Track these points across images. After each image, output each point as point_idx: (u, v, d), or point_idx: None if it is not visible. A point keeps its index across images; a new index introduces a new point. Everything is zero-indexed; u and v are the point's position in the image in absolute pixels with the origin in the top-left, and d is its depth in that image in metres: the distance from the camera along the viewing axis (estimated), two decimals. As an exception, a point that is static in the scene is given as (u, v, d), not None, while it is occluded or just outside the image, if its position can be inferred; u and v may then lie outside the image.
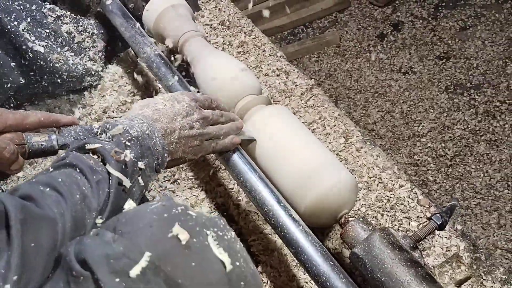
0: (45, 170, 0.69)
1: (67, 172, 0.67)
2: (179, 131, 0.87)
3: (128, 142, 0.76)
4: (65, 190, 0.63)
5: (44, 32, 1.34)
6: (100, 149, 0.72)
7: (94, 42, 1.51)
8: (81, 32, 1.47)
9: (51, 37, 1.37)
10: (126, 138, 0.76)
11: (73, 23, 1.46)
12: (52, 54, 1.33)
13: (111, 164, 0.71)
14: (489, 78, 2.78)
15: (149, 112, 0.85)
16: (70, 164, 0.69)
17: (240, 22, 1.70)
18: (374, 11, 3.35)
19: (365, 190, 1.21)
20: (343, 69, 3.05)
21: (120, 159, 0.72)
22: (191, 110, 0.90)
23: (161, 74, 1.19)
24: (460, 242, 1.11)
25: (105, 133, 0.78)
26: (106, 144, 0.74)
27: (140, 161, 0.77)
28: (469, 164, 2.45)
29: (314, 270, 0.84)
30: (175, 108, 0.88)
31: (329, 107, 1.41)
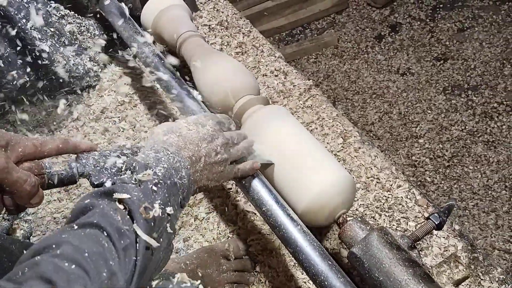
0: (69, 224, 0.61)
1: (93, 236, 0.60)
2: (205, 158, 0.82)
3: (155, 186, 0.70)
4: (92, 268, 0.57)
5: (49, 31, 1.34)
6: (128, 202, 0.66)
7: (95, 42, 1.51)
8: (83, 33, 1.47)
9: (55, 36, 1.37)
10: (153, 182, 0.70)
11: (76, 23, 1.46)
12: (56, 54, 1.33)
13: (139, 224, 0.64)
14: (486, 79, 2.79)
15: (174, 139, 0.81)
16: (97, 226, 0.61)
17: (238, 23, 1.70)
18: (372, 12, 3.36)
19: (363, 190, 1.21)
20: (341, 70, 3.05)
21: (149, 217, 0.66)
22: (215, 134, 0.86)
23: (159, 74, 1.18)
24: (458, 242, 1.11)
25: (131, 172, 0.72)
26: (133, 191, 0.67)
27: (168, 205, 0.71)
28: (467, 165, 2.46)
29: (312, 269, 0.84)
30: (200, 133, 0.84)
31: (327, 108, 1.41)
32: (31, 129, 1.42)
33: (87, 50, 1.49)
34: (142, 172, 0.70)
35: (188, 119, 0.87)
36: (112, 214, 0.63)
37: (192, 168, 0.80)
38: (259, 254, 1.14)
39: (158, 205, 0.68)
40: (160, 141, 0.80)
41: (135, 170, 0.71)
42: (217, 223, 1.21)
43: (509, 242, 2.15)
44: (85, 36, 1.48)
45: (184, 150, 0.80)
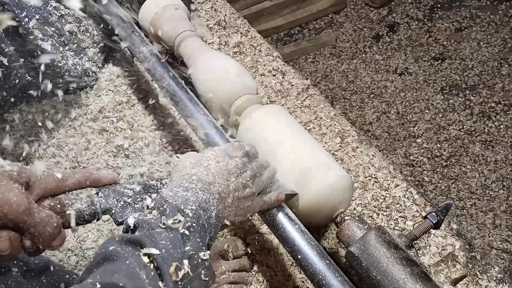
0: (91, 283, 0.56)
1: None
2: (233, 193, 0.79)
3: (187, 230, 0.66)
4: None
5: (49, 30, 1.34)
6: (157, 258, 0.61)
7: (94, 42, 1.51)
8: (82, 32, 1.47)
9: (55, 35, 1.37)
10: (185, 226, 0.66)
11: (76, 22, 1.46)
12: (56, 53, 1.32)
13: (168, 286, 0.60)
14: (484, 79, 2.80)
15: (203, 173, 0.77)
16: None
17: (236, 23, 1.70)
18: (370, 12, 3.37)
19: (361, 190, 1.22)
20: (339, 70, 3.06)
21: (177, 278, 0.61)
22: (243, 166, 0.83)
23: (158, 74, 1.19)
24: (455, 241, 1.11)
25: (159, 213, 0.68)
26: (161, 240, 0.63)
27: (202, 250, 0.67)
28: (465, 164, 2.46)
29: (310, 268, 0.84)
30: (229, 166, 0.81)
31: (325, 107, 1.41)
32: (28, 128, 1.42)
33: (86, 50, 1.49)
34: (172, 217, 0.66)
35: (216, 151, 0.84)
36: (138, 272, 0.59)
37: (221, 204, 0.77)
38: (257, 254, 1.14)
39: (187, 262, 0.64)
40: (188, 175, 0.77)
41: (165, 213, 0.67)
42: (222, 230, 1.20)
43: (507, 242, 2.15)
44: (85, 36, 1.48)
45: (213, 186, 0.77)
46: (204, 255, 0.66)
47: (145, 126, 1.42)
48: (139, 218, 0.68)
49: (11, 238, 0.63)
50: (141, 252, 0.61)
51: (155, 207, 0.69)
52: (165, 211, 0.68)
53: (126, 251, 0.60)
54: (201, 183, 0.75)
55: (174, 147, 1.36)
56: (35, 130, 1.42)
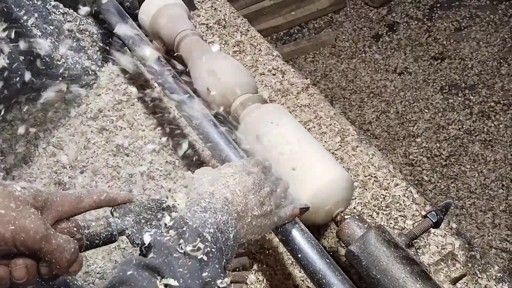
0: None
1: None
2: (251, 211, 0.77)
3: (205, 256, 0.64)
4: None
5: (49, 29, 1.34)
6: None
7: (93, 41, 1.51)
8: (82, 31, 1.47)
9: (55, 34, 1.36)
10: (204, 252, 0.64)
11: (75, 21, 1.46)
12: (55, 52, 1.32)
13: None
14: (483, 78, 2.80)
15: (222, 191, 0.76)
16: None
17: (236, 22, 1.70)
18: (370, 11, 3.37)
19: (360, 189, 1.22)
20: (338, 70, 3.06)
21: None
22: (261, 183, 0.81)
23: (157, 73, 1.18)
24: (455, 240, 1.11)
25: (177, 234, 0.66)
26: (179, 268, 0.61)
27: (221, 277, 0.65)
28: (464, 164, 2.46)
29: (310, 267, 0.84)
30: (247, 183, 0.79)
31: (324, 106, 1.41)
32: (28, 127, 1.41)
33: (85, 49, 1.48)
34: (192, 243, 0.64)
35: (233, 167, 0.82)
36: None
37: (239, 224, 0.75)
38: (257, 253, 1.14)
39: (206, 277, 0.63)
40: (206, 193, 0.75)
41: (184, 237, 0.65)
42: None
43: (506, 241, 2.15)
44: (84, 34, 1.48)
45: (232, 205, 0.75)
46: (222, 283, 0.64)
47: (145, 125, 1.42)
48: (156, 238, 0.66)
49: (27, 265, 0.60)
50: (158, 281, 0.59)
51: (173, 227, 0.67)
52: (184, 234, 0.66)
53: (143, 277, 0.59)
54: (220, 203, 0.73)
55: (174, 146, 1.36)
56: (35, 129, 1.42)
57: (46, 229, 0.59)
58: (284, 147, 1.01)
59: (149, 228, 0.73)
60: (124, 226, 0.73)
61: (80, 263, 0.65)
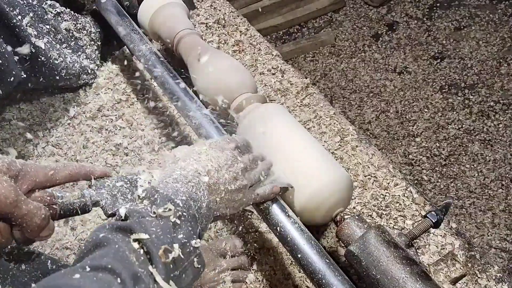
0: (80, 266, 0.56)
1: (105, 283, 0.55)
2: (224, 185, 0.80)
3: (178, 219, 0.67)
4: None
5: (45, 28, 1.34)
6: (146, 243, 0.61)
7: (92, 40, 1.50)
8: (79, 30, 1.46)
9: (51, 33, 1.36)
10: (176, 215, 0.67)
11: (72, 20, 1.46)
12: (52, 51, 1.32)
13: (158, 268, 0.60)
14: (483, 78, 2.79)
15: (194, 166, 0.79)
16: (111, 270, 0.56)
17: (235, 21, 1.70)
18: (369, 11, 3.36)
19: (360, 189, 1.21)
20: (338, 69, 3.05)
21: (168, 258, 0.62)
22: (234, 159, 0.84)
23: (157, 73, 1.18)
24: (455, 240, 1.11)
25: (150, 203, 0.69)
26: (151, 227, 0.63)
27: (193, 238, 0.68)
28: (464, 163, 2.46)
29: (310, 267, 0.84)
30: (220, 159, 0.81)
31: (324, 106, 1.41)
32: (27, 127, 1.41)
33: (84, 48, 1.48)
34: (163, 206, 0.67)
35: (207, 143, 0.85)
36: (127, 255, 0.59)
37: (211, 196, 0.78)
38: (256, 253, 1.14)
39: (178, 245, 0.64)
40: (178, 167, 0.78)
41: (156, 202, 0.68)
42: (214, 222, 1.20)
43: (506, 241, 2.15)
44: (82, 33, 1.48)
45: (203, 177, 0.77)
46: (196, 243, 0.67)
47: (144, 125, 1.42)
48: (130, 208, 0.68)
49: (0, 228, 0.66)
50: (131, 238, 0.61)
51: (146, 197, 0.70)
52: (156, 201, 0.68)
53: (116, 237, 0.60)
54: (192, 175, 0.76)
55: (174, 146, 1.36)
56: (33, 128, 1.42)
57: (16, 195, 0.64)
58: (283, 147, 1.01)
59: (124, 201, 0.76)
60: (98, 197, 0.76)
61: (51, 229, 0.70)
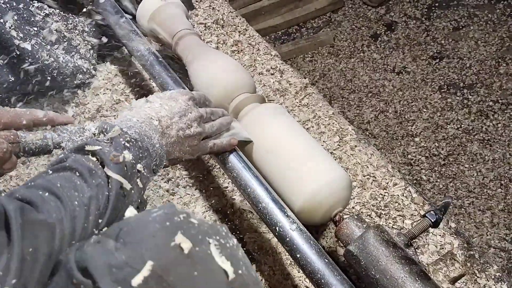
0: (44, 172, 0.67)
1: (66, 176, 0.66)
2: (176, 131, 0.86)
3: (127, 143, 0.75)
4: (64, 196, 0.62)
5: (32, 30, 1.34)
6: (99, 152, 0.70)
7: (85, 39, 1.50)
8: (70, 30, 1.46)
9: (40, 34, 1.36)
10: (125, 139, 0.75)
11: (63, 21, 1.45)
12: (42, 52, 1.32)
13: (110, 167, 0.69)
14: (482, 77, 2.80)
15: (147, 111, 0.84)
16: (70, 168, 0.67)
17: (234, 21, 1.70)
18: (368, 11, 3.37)
19: (359, 189, 1.21)
20: (337, 69, 3.05)
21: (119, 161, 0.70)
22: (188, 109, 0.89)
23: (155, 72, 1.18)
24: (454, 240, 1.11)
25: (103, 134, 0.77)
26: (105, 147, 0.72)
27: (139, 162, 0.75)
28: (463, 163, 2.46)
29: (309, 267, 0.84)
30: (173, 108, 0.87)
31: (323, 106, 1.41)
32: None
33: (78, 48, 1.47)
34: (112, 129, 0.76)
35: (160, 94, 0.91)
36: (84, 160, 0.69)
37: (164, 139, 0.84)
38: (255, 253, 1.14)
39: (128, 155, 0.73)
40: (133, 112, 0.84)
41: (107, 131, 0.77)
42: (213, 221, 1.20)
43: (505, 240, 2.16)
44: (74, 33, 1.47)
45: (155, 121, 0.83)
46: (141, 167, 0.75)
47: (143, 125, 1.41)
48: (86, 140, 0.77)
49: None
50: (85, 149, 0.70)
51: (99, 131, 0.78)
52: (106, 129, 0.77)
53: (73, 154, 0.70)
54: (144, 118, 0.83)
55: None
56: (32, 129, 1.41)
57: None
58: (282, 147, 1.01)
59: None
60: (60, 140, 0.83)
61: (13, 163, 0.79)
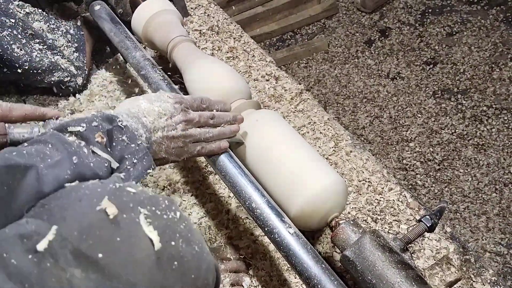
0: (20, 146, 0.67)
1: (39, 148, 0.65)
2: (162, 131, 0.87)
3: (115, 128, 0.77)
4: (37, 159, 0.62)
5: (8, 22, 1.34)
6: (83, 132, 0.70)
7: (69, 41, 1.50)
8: (53, 30, 1.47)
9: (18, 27, 1.36)
10: (113, 124, 0.76)
11: (44, 21, 1.46)
12: (13, 44, 1.33)
13: (96, 146, 0.70)
14: (476, 83, 2.81)
15: (135, 109, 0.86)
16: (43, 141, 0.66)
17: (229, 28, 1.71)
18: (362, 17, 3.39)
19: (355, 194, 1.22)
20: (331, 75, 3.07)
21: (104, 141, 0.71)
22: (175, 111, 0.90)
23: (151, 79, 1.18)
24: (449, 244, 1.12)
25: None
26: (89, 128, 0.72)
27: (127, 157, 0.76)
28: (457, 168, 2.47)
29: (305, 273, 0.83)
30: (160, 108, 0.88)
31: (318, 112, 1.42)
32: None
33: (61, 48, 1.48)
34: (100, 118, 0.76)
35: (149, 95, 0.91)
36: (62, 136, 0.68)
37: (151, 137, 0.85)
38: (252, 258, 1.13)
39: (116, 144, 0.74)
40: (121, 108, 0.86)
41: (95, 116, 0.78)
42: (209, 227, 1.20)
43: (500, 245, 2.16)
44: (56, 34, 1.47)
45: (141, 119, 0.84)
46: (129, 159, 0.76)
47: (139, 132, 1.41)
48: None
49: None
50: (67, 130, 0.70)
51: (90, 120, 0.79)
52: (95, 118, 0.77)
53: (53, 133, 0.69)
54: (132, 115, 0.83)
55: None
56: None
57: None
58: (277, 153, 1.01)
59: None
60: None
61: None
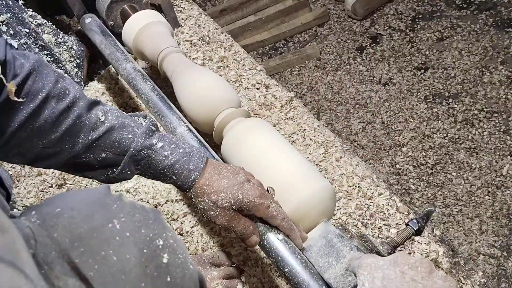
0: None
1: None
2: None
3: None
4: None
5: (24, 31, 1.35)
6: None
7: (72, 57, 1.51)
8: (59, 44, 1.48)
9: (31, 37, 1.38)
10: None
11: (53, 35, 1.47)
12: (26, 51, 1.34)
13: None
14: (466, 87, 2.84)
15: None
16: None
17: (219, 38, 1.73)
18: (353, 24, 3.42)
19: (345, 199, 1.23)
20: (324, 82, 3.09)
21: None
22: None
23: (141, 90, 1.20)
24: (439, 247, 1.13)
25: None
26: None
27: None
28: (450, 172, 2.49)
29: (294, 279, 0.84)
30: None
31: (308, 119, 1.43)
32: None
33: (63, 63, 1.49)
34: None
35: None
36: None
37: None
38: (243, 265, 1.14)
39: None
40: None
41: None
42: (201, 235, 1.21)
43: (494, 247, 2.17)
44: (62, 48, 1.49)
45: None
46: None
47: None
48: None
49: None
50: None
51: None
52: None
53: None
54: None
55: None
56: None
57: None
58: (266, 160, 1.02)
59: None
60: None
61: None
